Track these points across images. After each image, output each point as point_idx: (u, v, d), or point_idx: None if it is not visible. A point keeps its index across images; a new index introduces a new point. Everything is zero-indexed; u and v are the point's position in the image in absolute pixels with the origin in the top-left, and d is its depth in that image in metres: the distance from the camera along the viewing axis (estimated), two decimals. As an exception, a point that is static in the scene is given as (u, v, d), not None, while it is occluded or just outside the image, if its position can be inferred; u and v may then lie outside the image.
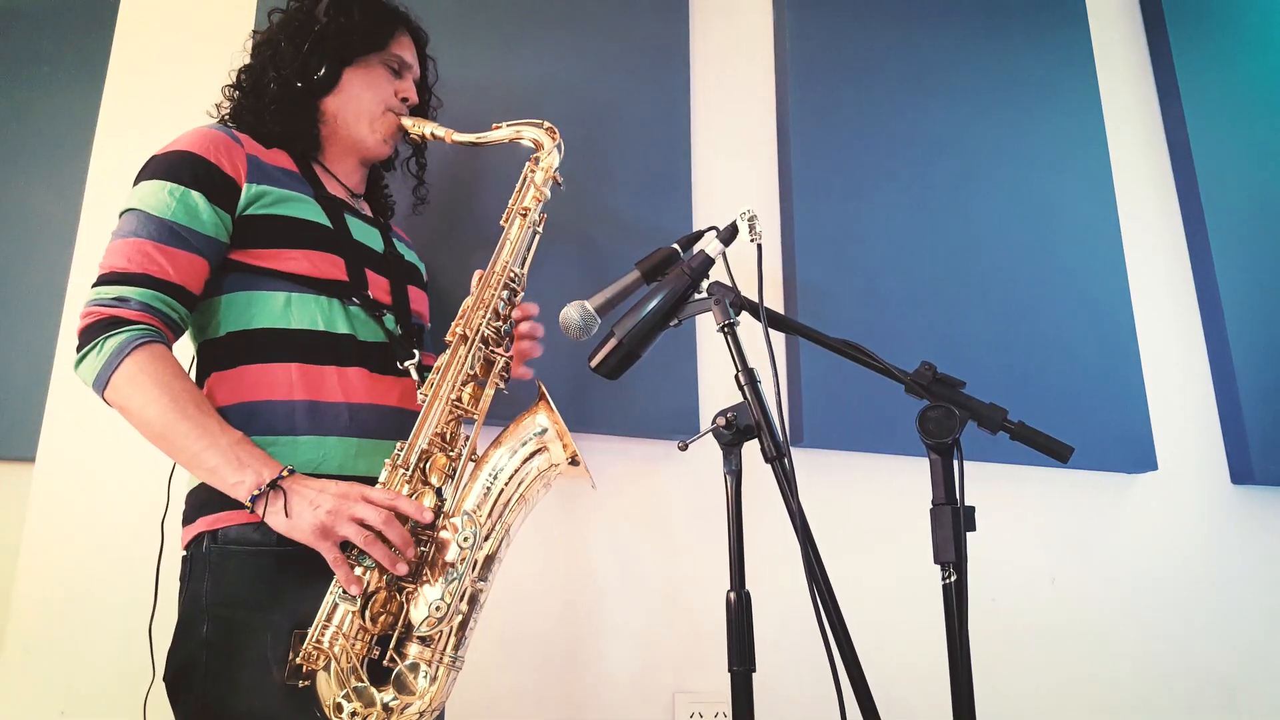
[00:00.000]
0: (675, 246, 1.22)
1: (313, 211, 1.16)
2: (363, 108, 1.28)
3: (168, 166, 1.10)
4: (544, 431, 1.15)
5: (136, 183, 1.11)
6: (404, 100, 1.32)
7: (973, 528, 0.98)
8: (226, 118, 1.25)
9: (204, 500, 1.05)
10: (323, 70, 1.24)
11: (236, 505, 1.02)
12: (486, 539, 1.09)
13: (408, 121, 1.32)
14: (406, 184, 1.49)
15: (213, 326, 1.12)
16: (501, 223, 1.29)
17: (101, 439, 1.39)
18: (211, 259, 1.10)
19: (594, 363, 1.17)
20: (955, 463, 0.99)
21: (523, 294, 1.27)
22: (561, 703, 1.55)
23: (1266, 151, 2.52)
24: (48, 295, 1.49)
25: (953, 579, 0.96)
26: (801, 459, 1.81)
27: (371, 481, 1.07)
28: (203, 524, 1.04)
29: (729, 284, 1.15)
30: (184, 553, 1.08)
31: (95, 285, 1.04)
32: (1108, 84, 2.43)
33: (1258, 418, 2.24)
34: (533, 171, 1.32)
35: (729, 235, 1.17)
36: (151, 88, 1.58)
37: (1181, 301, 2.37)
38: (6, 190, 1.56)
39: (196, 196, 1.08)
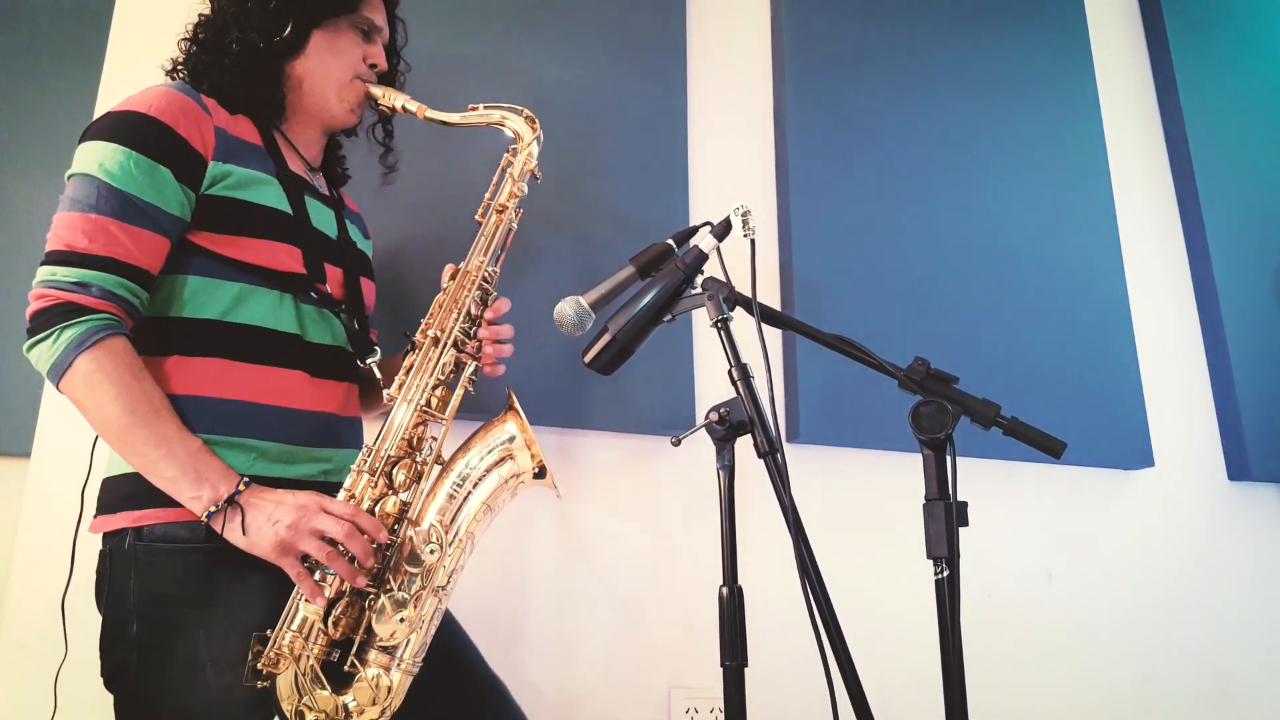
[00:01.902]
0: (670, 242, 1.22)
1: (274, 196, 1.10)
2: (330, 74, 1.20)
3: (130, 130, 1.01)
4: (512, 440, 1.14)
5: (89, 139, 1.01)
6: (373, 66, 1.24)
7: (965, 523, 0.98)
8: (186, 77, 1.16)
9: (128, 493, 1.00)
10: (288, 31, 1.14)
11: (164, 501, 0.98)
12: (450, 547, 1.08)
13: (377, 91, 1.24)
14: (372, 153, 1.40)
15: (159, 303, 1.05)
16: (477, 218, 1.25)
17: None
18: (174, 238, 1.03)
19: (588, 358, 1.17)
20: (948, 458, 0.99)
21: (495, 293, 1.23)
22: (557, 698, 1.56)
23: (1264, 149, 2.52)
24: (43, 291, 1.49)
25: (945, 574, 0.96)
26: (797, 454, 1.82)
27: (303, 487, 1.04)
28: (125, 519, 1.00)
29: (724, 279, 1.16)
30: (101, 546, 1.03)
31: (50, 263, 0.97)
32: (1106, 80, 2.42)
33: (1255, 414, 2.24)
34: (510, 164, 1.26)
35: (723, 231, 1.17)
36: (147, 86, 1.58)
37: (1179, 298, 2.37)
38: (2, 187, 1.56)
39: (164, 172, 1.00)
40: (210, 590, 0.99)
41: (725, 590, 1.04)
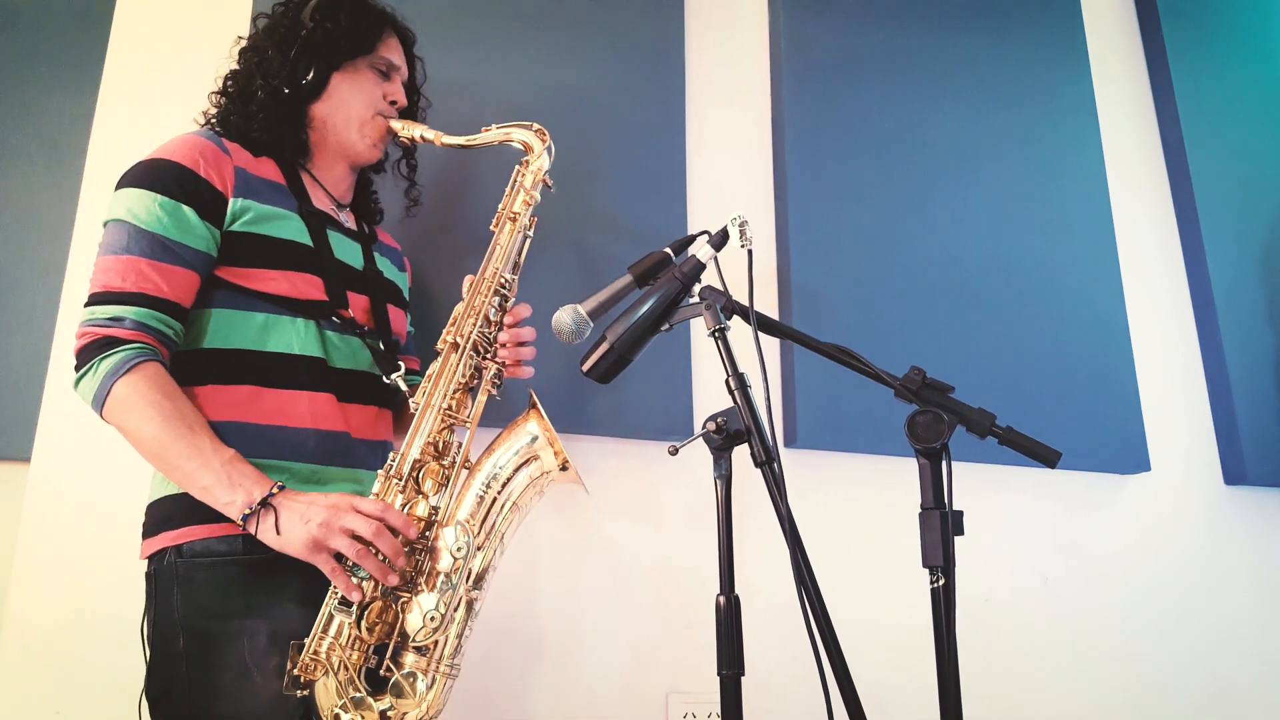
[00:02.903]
0: (668, 250, 1.22)
1: (294, 230, 1.17)
2: (351, 113, 1.27)
3: (155, 176, 1.09)
4: (535, 439, 1.16)
5: (121, 187, 1.10)
6: (392, 103, 1.31)
7: (961, 532, 0.99)
8: (214, 124, 1.24)
9: (167, 514, 1.06)
10: (310, 76, 1.23)
11: (200, 519, 1.03)
12: (480, 548, 1.10)
13: (397, 124, 1.31)
14: (398, 186, 1.48)
15: (193, 337, 1.12)
16: (491, 228, 1.29)
17: (97, 439, 1.39)
18: (202, 273, 1.11)
19: (586, 366, 1.17)
20: (944, 467, 1.00)
21: (514, 299, 1.27)
22: (555, 703, 1.56)
23: (1261, 152, 2.52)
24: (43, 296, 1.49)
25: (941, 583, 0.97)
26: (795, 460, 1.82)
27: None
28: (166, 539, 1.05)
29: (721, 288, 1.16)
30: (147, 568, 1.08)
31: (90, 304, 1.05)
32: (1103, 83, 2.43)
33: (1251, 418, 2.24)
34: (522, 175, 1.31)
35: (720, 240, 1.18)
36: (147, 89, 1.59)
37: (1175, 302, 2.38)
38: (2, 190, 1.56)
39: (188, 210, 1.08)
40: (250, 600, 1.03)
41: (722, 599, 1.05)
